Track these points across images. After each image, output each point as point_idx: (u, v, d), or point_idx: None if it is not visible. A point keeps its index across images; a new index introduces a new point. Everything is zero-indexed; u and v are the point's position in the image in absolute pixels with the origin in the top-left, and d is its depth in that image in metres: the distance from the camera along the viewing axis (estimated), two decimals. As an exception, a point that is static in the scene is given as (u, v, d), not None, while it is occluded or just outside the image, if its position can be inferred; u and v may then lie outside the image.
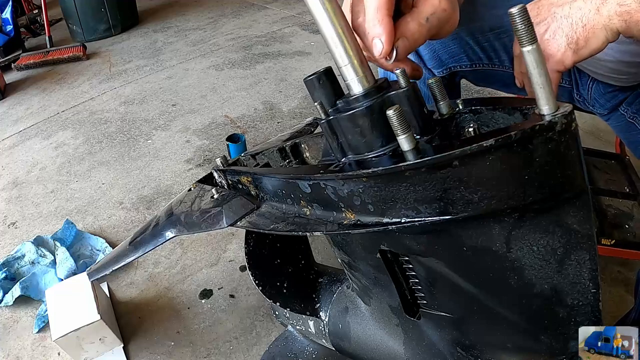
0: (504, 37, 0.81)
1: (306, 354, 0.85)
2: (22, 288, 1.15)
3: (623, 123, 0.77)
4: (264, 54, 2.48)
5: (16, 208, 1.52)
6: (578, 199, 0.36)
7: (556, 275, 0.39)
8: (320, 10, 0.41)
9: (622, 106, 0.77)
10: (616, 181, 1.15)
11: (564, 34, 0.51)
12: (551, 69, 0.53)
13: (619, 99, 0.76)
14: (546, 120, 0.32)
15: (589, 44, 0.50)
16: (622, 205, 1.06)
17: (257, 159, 0.73)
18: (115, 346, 1.00)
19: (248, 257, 0.76)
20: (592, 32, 0.50)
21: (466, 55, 0.84)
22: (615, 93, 0.76)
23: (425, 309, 0.51)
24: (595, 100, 0.79)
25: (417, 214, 0.39)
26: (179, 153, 1.72)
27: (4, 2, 2.74)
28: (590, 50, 0.51)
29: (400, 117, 0.36)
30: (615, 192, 1.10)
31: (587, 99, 0.80)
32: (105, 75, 2.49)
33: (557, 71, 0.53)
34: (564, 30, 0.51)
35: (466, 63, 0.85)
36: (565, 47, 0.51)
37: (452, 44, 0.83)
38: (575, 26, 0.51)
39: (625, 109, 0.76)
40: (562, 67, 0.53)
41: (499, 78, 0.87)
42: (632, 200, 1.08)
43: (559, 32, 0.52)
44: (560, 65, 0.53)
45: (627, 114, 0.76)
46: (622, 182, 1.15)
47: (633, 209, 1.06)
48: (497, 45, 0.82)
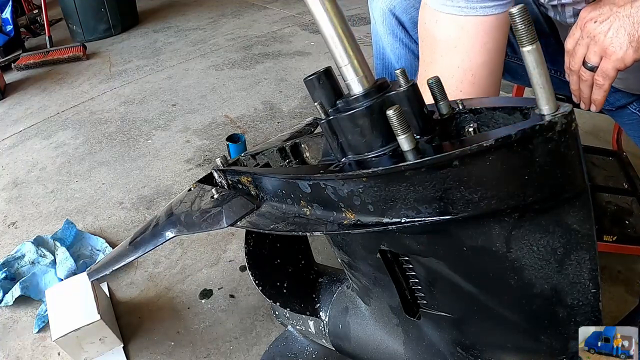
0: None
1: (306, 354, 0.85)
2: (22, 288, 1.15)
3: (635, 120, 0.77)
4: (264, 54, 2.48)
5: (16, 208, 1.52)
6: (578, 198, 0.36)
7: (556, 275, 0.39)
8: (320, 10, 0.41)
9: (632, 105, 0.77)
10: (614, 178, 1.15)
11: (626, 32, 0.52)
12: (612, 67, 0.54)
13: (628, 100, 0.76)
14: (546, 120, 0.32)
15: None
16: (622, 201, 1.07)
17: (257, 159, 0.73)
18: (115, 346, 1.00)
19: (248, 257, 0.76)
20: None
21: None
22: (624, 93, 0.76)
23: (425, 309, 0.51)
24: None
25: (417, 214, 0.39)
26: (179, 153, 1.72)
27: (4, 2, 2.74)
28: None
29: (400, 117, 0.36)
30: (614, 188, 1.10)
31: None
32: (105, 75, 2.49)
33: (616, 69, 0.54)
34: (626, 29, 0.52)
35: None
36: (627, 45, 0.52)
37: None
38: (637, 25, 0.52)
39: (636, 108, 0.76)
40: (622, 65, 0.54)
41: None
42: (631, 197, 1.08)
43: (621, 31, 0.53)
44: (621, 63, 0.54)
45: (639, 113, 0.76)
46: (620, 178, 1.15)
47: (632, 205, 1.06)
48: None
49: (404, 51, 0.87)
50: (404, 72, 0.41)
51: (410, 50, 0.86)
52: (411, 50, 0.86)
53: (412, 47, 0.85)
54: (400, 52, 0.87)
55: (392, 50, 0.88)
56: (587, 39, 0.57)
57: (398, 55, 0.88)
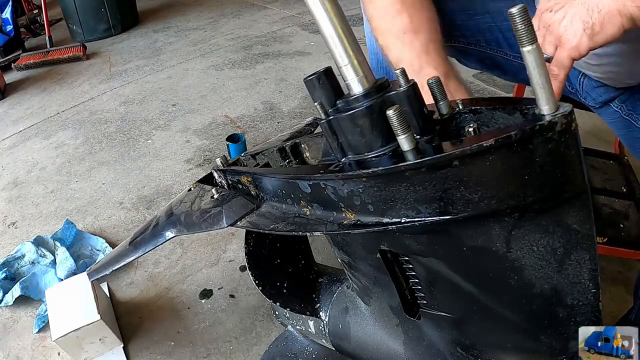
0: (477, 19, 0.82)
1: (306, 354, 0.85)
2: (22, 288, 1.15)
3: (617, 119, 0.77)
4: (264, 54, 2.48)
5: (16, 208, 1.52)
6: (578, 199, 0.35)
7: (556, 275, 0.39)
8: (320, 10, 0.41)
9: (614, 102, 0.76)
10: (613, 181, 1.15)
11: (580, 20, 0.51)
12: (567, 56, 0.53)
13: (610, 95, 0.75)
14: (546, 120, 0.32)
15: (604, 30, 0.50)
16: (618, 205, 1.07)
17: (257, 159, 0.73)
18: (115, 346, 1.00)
19: (248, 257, 0.76)
20: (607, 17, 0.50)
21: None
22: (606, 88, 0.75)
23: (425, 309, 0.51)
24: (587, 93, 0.79)
25: (417, 214, 0.39)
26: (179, 153, 1.72)
27: (4, 2, 2.74)
28: (606, 36, 0.51)
29: (400, 117, 0.36)
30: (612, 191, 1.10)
31: (579, 90, 0.80)
32: (105, 75, 2.49)
33: (571, 58, 0.53)
34: (580, 17, 0.51)
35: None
36: (581, 32, 0.51)
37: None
38: (591, 12, 0.51)
39: (618, 106, 0.76)
40: (577, 54, 0.53)
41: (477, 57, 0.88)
42: (629, 201, 1.08)
43: (575, 19, 0.52)
44: (576, 51, 0.52)
45: (621, 111, 0.75)
46: (619, 182, 1.15)
47: (629, 209, 1.06)
48: (471, 25, 0.83)
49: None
50: (404, 72, 0.41)
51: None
52: None
53: None
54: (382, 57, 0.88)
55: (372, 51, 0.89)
56: (543, 29, 0.56)
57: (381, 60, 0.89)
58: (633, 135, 0.75)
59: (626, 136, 0.78)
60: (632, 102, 0.74)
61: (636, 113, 0.73)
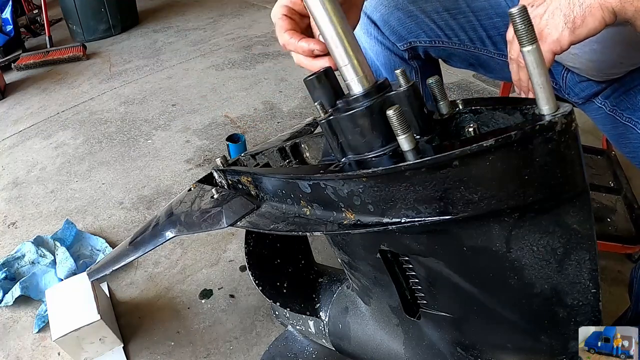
0: (461, 18, 0.82)
1: (306, 354, 0.85)
2: (22, 288, 1.15)
3: (602, 115, 0.76)
4: (264, 54, 2.48)
5: (16, 208, 1.52)
6: (578, 198, 0.36)
7: (556, 275, 0.39)
8: (320, 10, 0.41)
9: (598, 98, 0.76)
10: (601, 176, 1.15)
11: (561, 13, 0.51)
12: (548, 50, 0.53)
13: (593, 90, 0.75)
14: (546, 120, 0.32)
15: (585, 23, 0.50)
16: (606, 199, 1.07)
17: (257, 159, 0.73)
18: (115, 346, 1.00)
19: (248, 257, 0.76)
20: (588, 10, 0.50)
21: (424, 32, 0.85)
22: (589, 83, 0.75)
23: (425, 309, 0.51)
24: (570, 88, 0.79)
25: (417, 214, 0.39)
26: (179, 153, 1.72)
27: (4, 2, 2.74)
28: (588, 29, 0.50)
29: (400, 117, 0.37)
30: (599, 186, 1.10)
31: (562, 86, 0.80)
32: (105, 75, 2.48)
33: (553, 52, 0.53)
34: (562, 10, 0.51)
35: (425, 39, 0.86)
36: (562, 26, 0.51)
37: (408, 21, 0.85)
38: (572, 5, 0.51)
39: (602, 102, 0.75)
40: (559, 48, 0.52)
41: (461, 56, 0.88)
42: (616, 195, 1.08)
43: (557, 12, 0.52)
44: (557, 45, 0.52)
45: (605, 107, 0.75)
46: (607, 177, 1.15)
47: (616, 203, 1.06)
48: (454, 25, 0.83)
49: (380, 48, 0.89)
50: (404, 73, 0.41)
51: (385, 47, 0.89)
52: (386, 47, 0.89)
53: (386, 44, 0.88)
54: (377, 49, 0.90)
55: (370, 48, 0.90)
56: None
57: (376, 52, 0.90)
58: (618, 131, 0.75)
59: (611, 132, 0.77)
60: (615, 98, 0.73)
61: (620, 109, 0.73)
